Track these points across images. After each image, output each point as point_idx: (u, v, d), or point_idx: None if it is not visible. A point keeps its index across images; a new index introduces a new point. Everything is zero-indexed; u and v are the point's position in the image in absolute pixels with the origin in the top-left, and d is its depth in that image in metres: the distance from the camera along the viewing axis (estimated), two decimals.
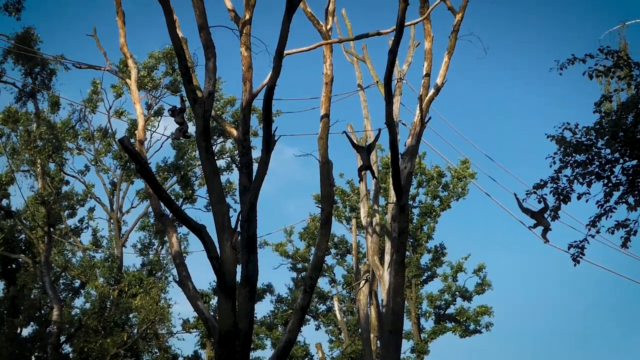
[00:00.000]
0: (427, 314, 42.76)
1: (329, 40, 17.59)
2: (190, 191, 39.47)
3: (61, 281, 36.00)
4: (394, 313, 15.54)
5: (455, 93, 78.14)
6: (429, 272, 43.73)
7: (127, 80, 19.42)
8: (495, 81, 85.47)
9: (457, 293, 42.57)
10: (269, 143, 14.50)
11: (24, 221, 33.96)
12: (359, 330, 29.85)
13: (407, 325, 41.14)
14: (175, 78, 36.48)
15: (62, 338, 30.35)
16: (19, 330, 32.88)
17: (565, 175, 14.66)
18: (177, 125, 17.79)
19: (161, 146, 39.74)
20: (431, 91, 17.78)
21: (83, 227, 39.68)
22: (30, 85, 31.48)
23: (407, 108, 24.56)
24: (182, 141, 36.53)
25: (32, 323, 33.74)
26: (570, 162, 14.50)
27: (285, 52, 14.61)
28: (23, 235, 34.76)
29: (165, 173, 38.95)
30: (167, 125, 54.67)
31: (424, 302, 42.73)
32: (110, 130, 38.70)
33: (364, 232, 26.57)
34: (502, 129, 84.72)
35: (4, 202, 34.26)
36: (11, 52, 29.42)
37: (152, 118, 37.58)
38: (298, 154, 32.63)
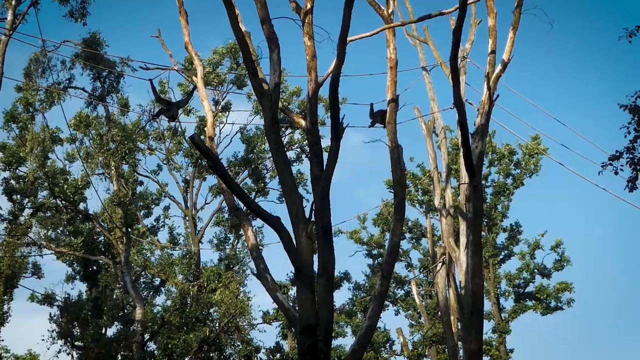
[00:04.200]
0: (507, 293, 42.37)
1: (391, 24, 17.46)
2: (262, 184, 39.70)
3: (141, 280, 36.56)
4: (474, 294, 15.42)
5: (522, 68, 76.90)
6: (506, 251, 43.27)
7: (194, 78, 19.57)
8: (562, 53, 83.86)
9: (535, 271, 42.04)
10: (337, 131, 14.46)
11: (102, 223, 34.60)
12: (439, 313, 29.71)
13: (487, 305, 40.84)
14: (240, 72, 36.68)
15: (147, 336, 30.87)
16: (103, 331, 33.54)
17: None
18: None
19: (230, 141, 40.01)
20: (498, 68, 17.50)
21: (159, 226, 40.32)
22: (99, 90, 32.04)
23: (472, 87, 24.27)
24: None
25: (116, 323, 34.37)
26: None
27: (348, 38, 14.57)
28: (102, 237, 35.46)
29: (237, 167, 39.25)
30: (236, 119, 55.02)
31: (503, 281, 42.32)
32: (179, 129, 39.19)
33: (437, 215, 26.38)
34: (572, 102, 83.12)
35: (82, 205, 34.95)
36: (79, 57, 30.01)
37: (220, 114, 37.88)
38: (367, 140, 32.60)
